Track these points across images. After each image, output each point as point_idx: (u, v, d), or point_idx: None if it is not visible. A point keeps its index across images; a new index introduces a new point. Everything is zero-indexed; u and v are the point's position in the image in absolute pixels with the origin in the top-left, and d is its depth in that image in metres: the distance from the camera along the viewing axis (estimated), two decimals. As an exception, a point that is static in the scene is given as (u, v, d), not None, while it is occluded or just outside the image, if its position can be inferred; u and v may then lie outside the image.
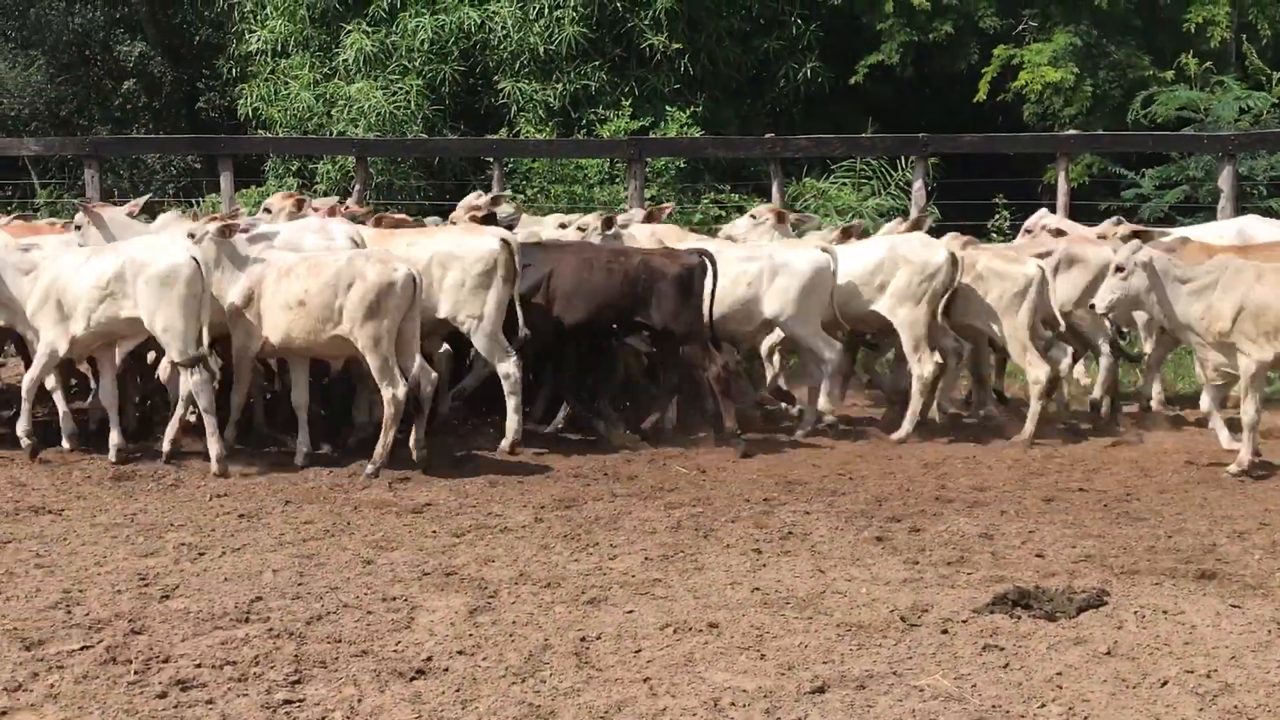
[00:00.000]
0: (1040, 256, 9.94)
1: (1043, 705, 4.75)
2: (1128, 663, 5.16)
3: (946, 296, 9.69)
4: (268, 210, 10.57)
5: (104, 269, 8.42)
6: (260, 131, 16.64)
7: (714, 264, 9.32)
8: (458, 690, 4.83)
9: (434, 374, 8.65)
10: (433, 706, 4.69)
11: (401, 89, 15.19)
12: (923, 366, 9.65)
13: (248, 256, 8.74)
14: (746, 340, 10.30)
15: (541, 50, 15.00)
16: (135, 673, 4.96)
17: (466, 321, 9.09)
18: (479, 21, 15.24)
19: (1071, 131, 13.83)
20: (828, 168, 14.74)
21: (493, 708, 4.68)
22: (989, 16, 15.71)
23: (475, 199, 10.99)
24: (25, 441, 8.62)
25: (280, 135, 15.91)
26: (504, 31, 15.12)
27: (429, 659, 5.13)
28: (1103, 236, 10.28)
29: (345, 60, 15.58)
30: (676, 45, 15.25)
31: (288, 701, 4.71)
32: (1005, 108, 15.73)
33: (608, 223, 10.33)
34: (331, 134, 15.43)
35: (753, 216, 10.88)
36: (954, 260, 9.71)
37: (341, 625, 5.53)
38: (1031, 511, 7.64)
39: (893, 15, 15.67)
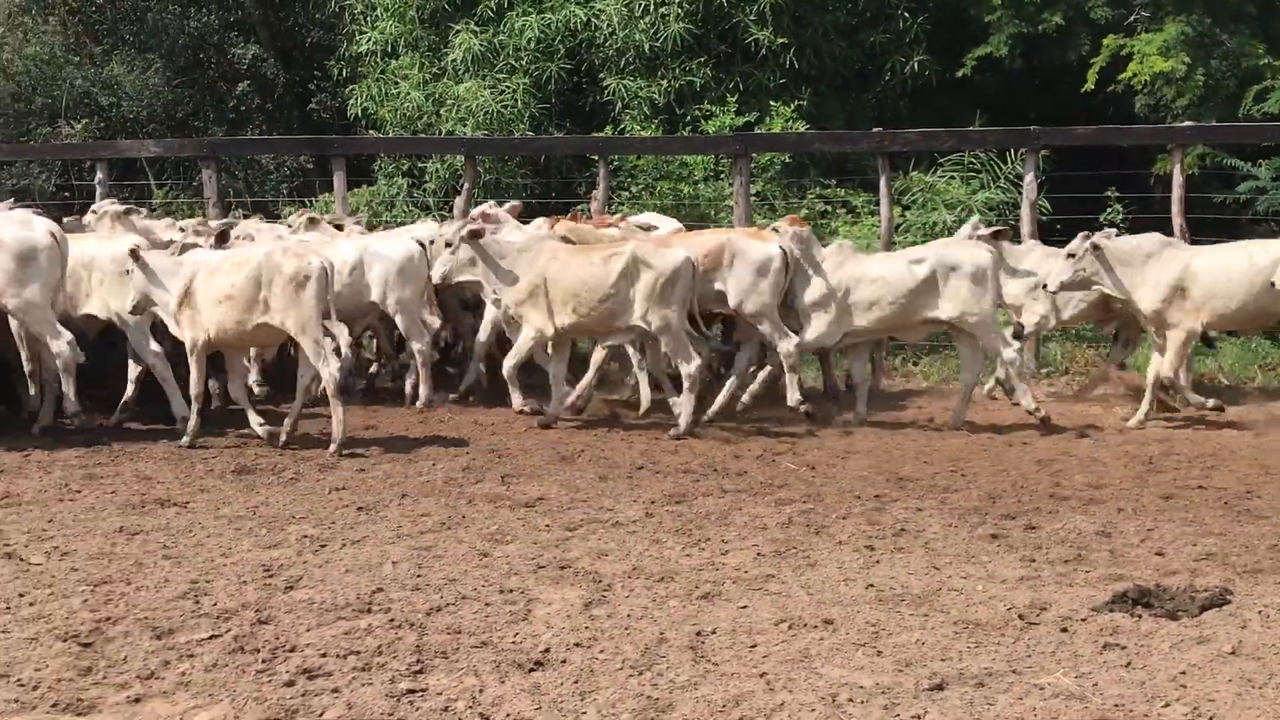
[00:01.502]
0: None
1: (1166, 705, 4.68)
2: (1253, 663, 5.06)
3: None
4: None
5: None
6: (370, 131, 16.90)
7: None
8: (576, 682, 4.89)
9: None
10: (552, 697, 4.75)
11: (509, 88, 15.33)
12: (687, 363, 9.59)
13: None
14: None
15: (647, 47, 15.05)
16: (263, 661, 5.08)
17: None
18: (585, 19, 15.33)
19: (1187, 123, 13.55)
20: (935, 161, 14.61)
21: (611, 700, 4.73)
22: (1099, 7, 15.45)
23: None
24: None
25: (390, 135, 16.14)
26: (610, 29, 15.19)
27: (547, 651, 5.19)
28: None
29: (454, 60, 15.77)
30: (782, 40, 15.20)
31: (411, 691, 4.80)
32: (1115, 99, 15.46)
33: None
34: (440, 133, 15.62)
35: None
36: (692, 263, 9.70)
37: (460, 616, 5.61)
38: (1150, 509, 7.53)
39: (1001, 7, 15.48)
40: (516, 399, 10.18)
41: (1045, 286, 10.10)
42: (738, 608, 5.73)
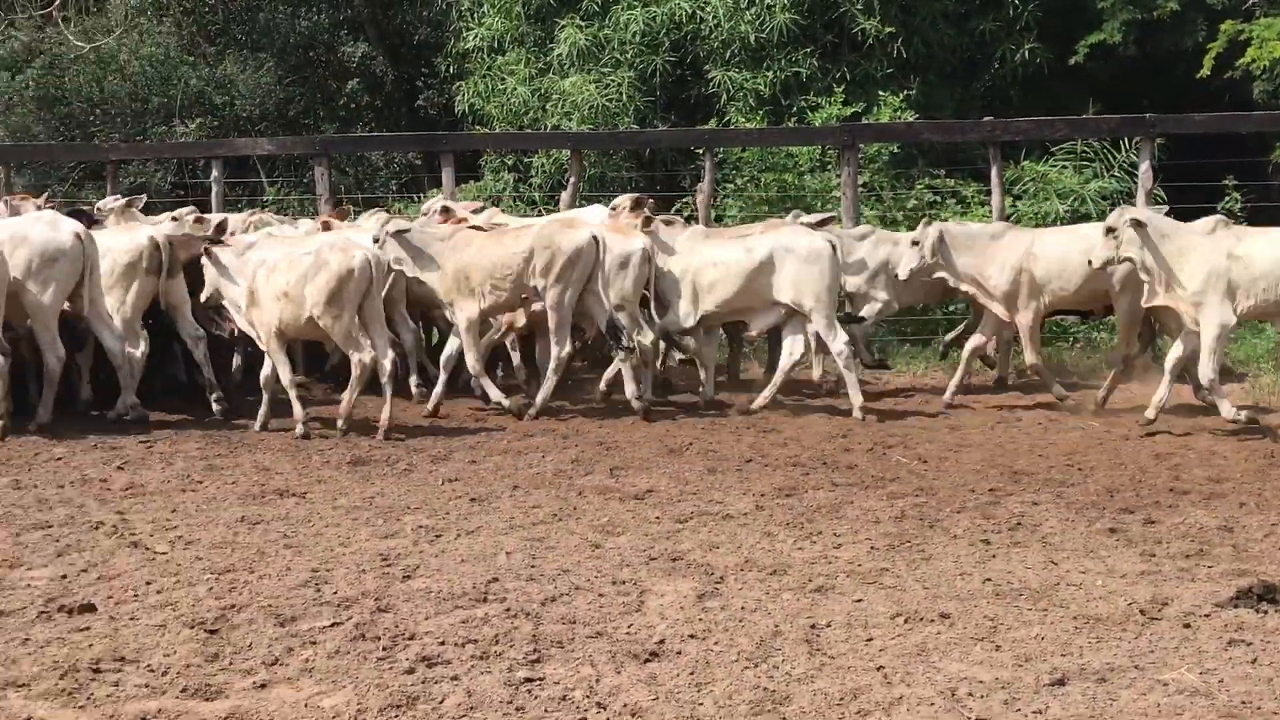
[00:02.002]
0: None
1: (1296, 703, 4.58)
2: (1386, 662, 4.93)
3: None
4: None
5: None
6: (477, 127, 17.05)
7: None
8: (692, 673, 4.90)
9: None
10: (669, 688, 4.76)
11: (614, 81, 15.38)
12: (561, 349, 9.95)
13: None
14: None
15: (752, 38, 14.99)
16: (383, 649, 5.16)
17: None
18: (690, 12, 15.31)
19: (1311, 109, 13.20)
20: (1047, 150, 14.38)
21: (727, 691, 4.73)
22: (1217, -9, 15.10)
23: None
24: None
25: (497, 131, 16.27)
26: (715, 21, 15.16)
27: (661, 642, 5.21)
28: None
29: (559, 55, 15.84)
30: (889, 29, 15.05)
31: (528, 680, 4.84)
32: (1232, 85, 15.07)
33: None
34: (546, 128, 15.70)
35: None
36: (597, 242, 9.93)
37: (575, 607, 5.65)
38: (1273, 504, 7.36)
39: (1115, -7, 15.19)
40: (495, 394, 10.21)
41: (896, 275, 10.49)
42: (852, 601, 5.70)
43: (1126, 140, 13.55)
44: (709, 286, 10.20)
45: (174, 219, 11.31)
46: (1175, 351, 9.37)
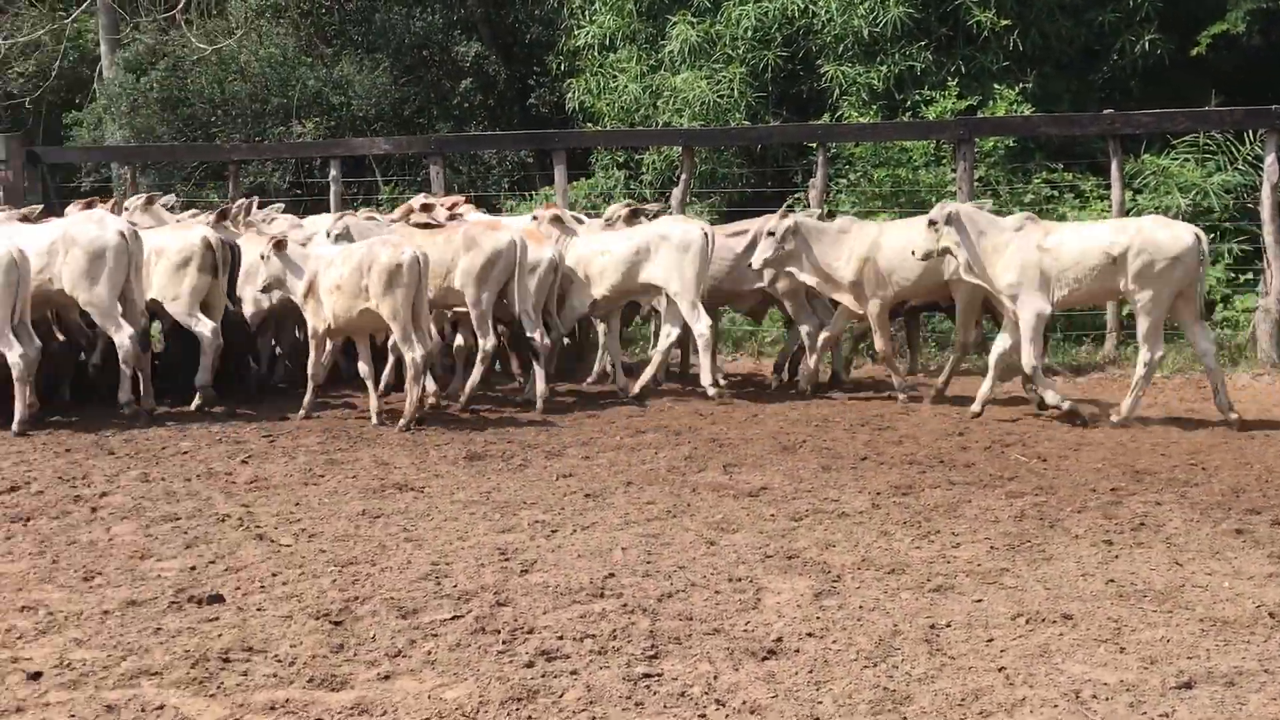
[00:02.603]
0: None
1: None
2: None
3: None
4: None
5: None
6: (588, 125, 17.13)
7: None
8: (810, 671, 4.89)
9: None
10: (787, 686, 4.76)
11: (725, 77, 15.35)
12: (486, 342, 10.20)
13: None
14: None
15: (866, 32, 14.86)
16: (503, 642, 5.22)
17: None
18: (803, 6, 15.23)
19: None
20: (1168, 143, 14.07)
21: (847, 690, 4.72)
22: (1346, -22, 14.66)
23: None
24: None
25: (608, 128, 16.34)
26: (828, 15, 15.05)
27: (779, 640, 5.21)
28: None
29: (670, 51, 15.85)
30: (1005, 22, 14.84)
31: (647, 675, 4.87)
32: (1363, 75, 14.65)
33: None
34: (657, 125, 15.73)
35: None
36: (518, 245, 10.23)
37: (691, 604, 5.67)
38: None
39: (1239, -18, 14.82)
40: (431, 385, 10.45)
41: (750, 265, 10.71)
42: (972, 601, 5.65)
43: (1251, 133, 13.21)
44: (599, 273, 10.79)
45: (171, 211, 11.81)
46: (999, 345, 9.73)
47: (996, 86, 14.71)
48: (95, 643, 5.29)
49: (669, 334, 10.82)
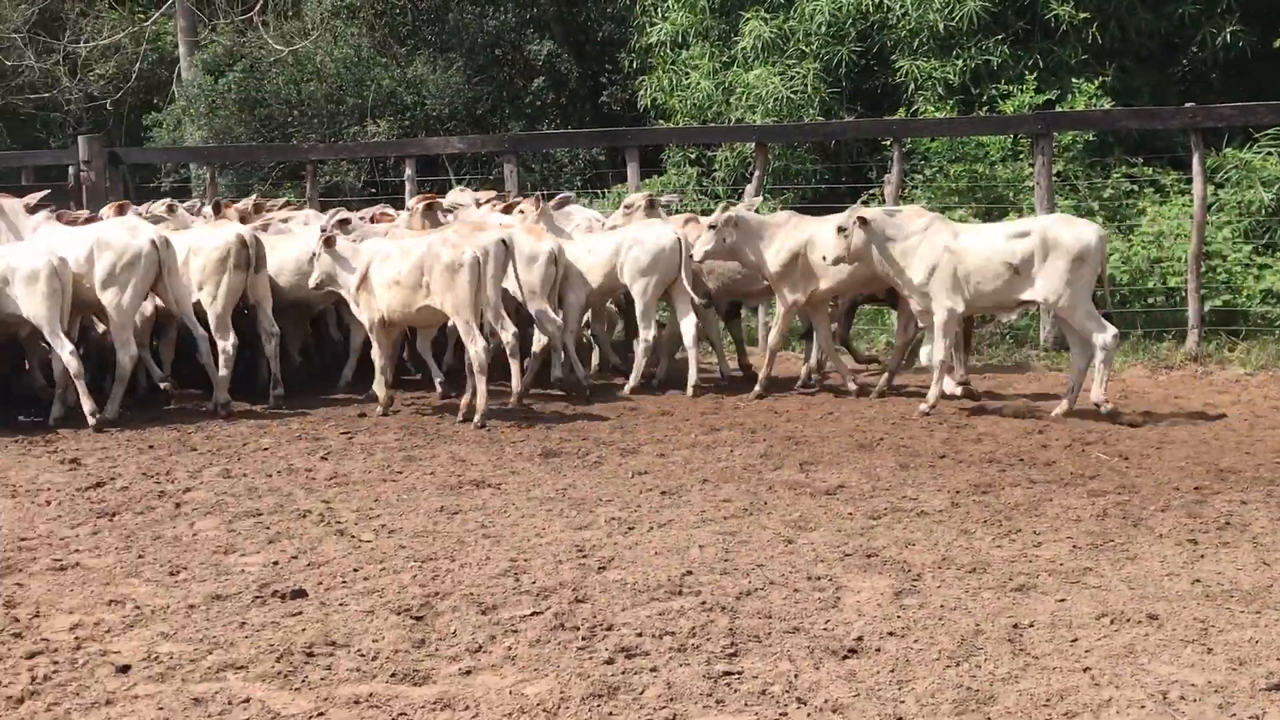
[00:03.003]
0: None
1: None
2: None
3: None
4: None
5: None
6: (660, 122, 17.13)
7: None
8: (892, 670, 4.86)
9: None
10: (869, 685, 4.73)
11: (798, 73, 15.29)
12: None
13: None
14: None
15: (941, 27, 14.75)
16: (582, 639, 5.24)
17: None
18: (877, 1, 15.14)
19: None
20: (1250, 136, 13.82)
21: (930, 689, 4.68)
22: None
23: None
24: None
25: (680, 125, 16.33)
26: (903, 10, 14.96)
27: (860, 639, 5.18)
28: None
29: (744, 48, 15.82)
30: (1084, 15, 14.65)
31: (727, 673, 4.86)
32: None
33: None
34: (729, 121, 15.70)
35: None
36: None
37: (770, 602, 5.65)
38: None
39: (1326, -31, 14.53)
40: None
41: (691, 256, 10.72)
42: (1055, 601, 5.59)
43: (1337, 125, 12.95)
44: (586, 273, 11.04)
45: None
46: (926, 346, 10.10)
47: (1075, 80, 14.53)
48: (181, 636, 5.37)
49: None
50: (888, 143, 13.89)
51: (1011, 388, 10.89)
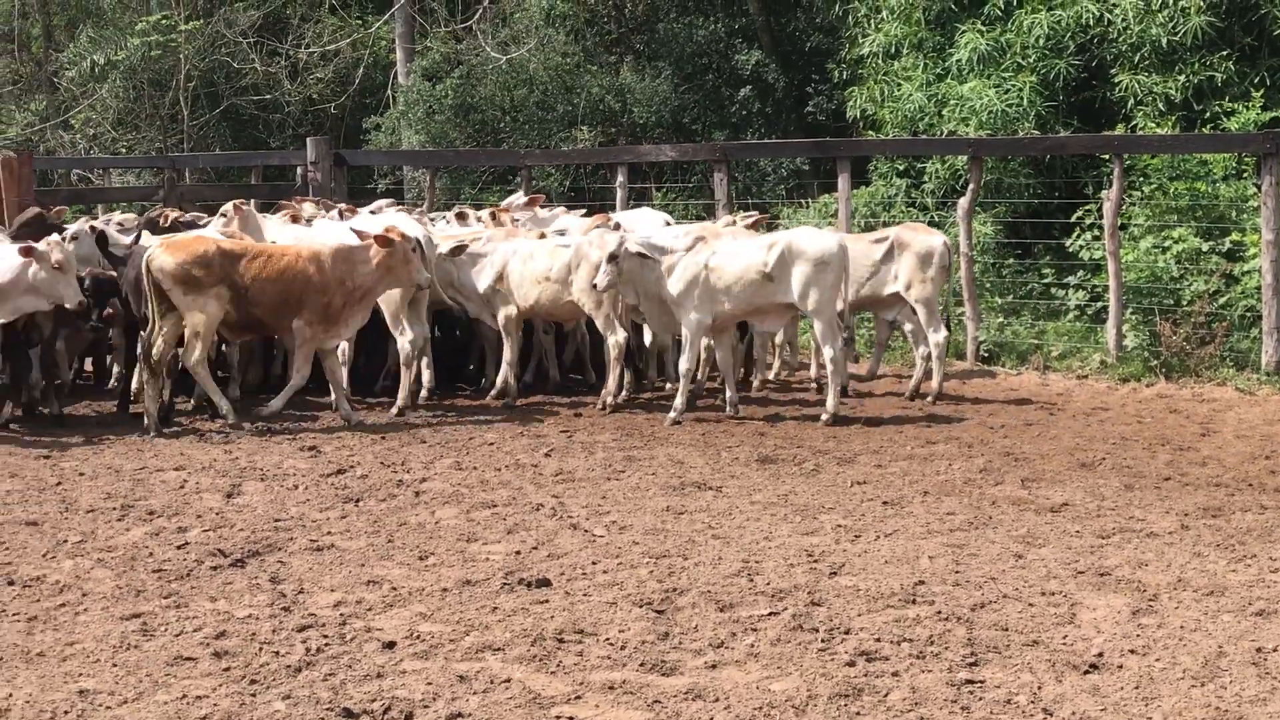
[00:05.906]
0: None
1: None
2: None
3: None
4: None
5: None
6: (867, 133, 17.10)
7: None
8: (1137, 687, 4.88)
9: None
10: (1115, 700, 4.76)
11: (1014, 86, 15.13)
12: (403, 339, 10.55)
13: None
14: None
15: (1164, 41, 14.44)
16: (822, 640, 5.37)
17: None
18: (1098, 15, 14.90)
19: None
20: None
21: (1177, 708, 4.69)
22: None
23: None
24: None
25: (890, 136, 16.30)
26: (1124, 23, 14.69)
27: (1100, 655, 5.20)
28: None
29: (958, 60, 15.72)
30: (1316, 31, 14.22)
31: (969, 682, 4.94)
32: None
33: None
34: (941, 133, 15.61)
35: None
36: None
37: (1006, 614, 5.70)
38: None
39: None
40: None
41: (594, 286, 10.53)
42: (1300, 627, 5.52)
43: None
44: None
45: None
46: (719, 354, 10.69)
47: (1306, 99, 14.09)
48: (439, 617, 5.67)
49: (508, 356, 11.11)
50: (1105, 158, 13.66)
51: (1232, 410, 10.62)
